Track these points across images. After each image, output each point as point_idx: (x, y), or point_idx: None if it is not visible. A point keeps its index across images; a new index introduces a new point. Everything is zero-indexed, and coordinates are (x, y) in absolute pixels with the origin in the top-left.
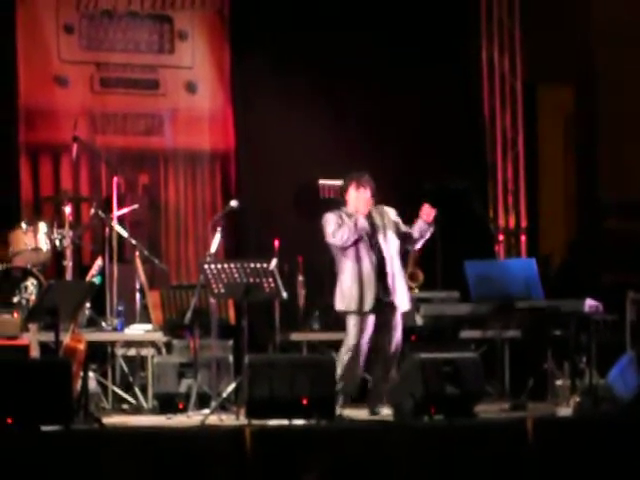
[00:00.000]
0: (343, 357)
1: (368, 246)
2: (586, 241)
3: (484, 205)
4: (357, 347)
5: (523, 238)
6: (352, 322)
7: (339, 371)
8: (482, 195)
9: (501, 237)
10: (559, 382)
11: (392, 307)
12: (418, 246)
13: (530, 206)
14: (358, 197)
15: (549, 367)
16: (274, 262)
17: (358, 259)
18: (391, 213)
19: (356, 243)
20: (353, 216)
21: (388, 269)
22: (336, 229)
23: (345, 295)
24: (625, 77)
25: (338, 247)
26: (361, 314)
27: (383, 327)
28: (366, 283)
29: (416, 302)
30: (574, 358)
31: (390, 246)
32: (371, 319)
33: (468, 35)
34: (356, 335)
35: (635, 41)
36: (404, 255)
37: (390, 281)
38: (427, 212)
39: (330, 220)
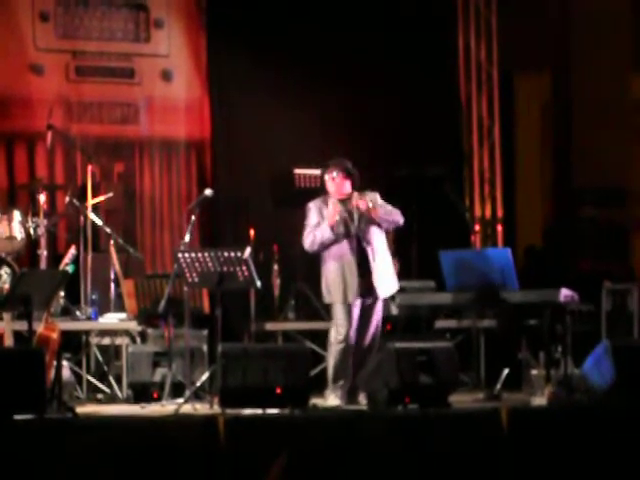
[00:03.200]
0: (334, 351)
1: (349, 236)
2: (562, 230)
3: (460, 194)
4: (347, 338)
5: (499, 228)
6: (340, 313)
7: (332, 367)
8: (458, 183)
9: (477, 227)
10: (534, 372)
11: (374, 295)
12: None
13: (506, 195)
14: (337, 184)
15: (524, 357)
16: (248, 251)
17: (340, 250)
18: (374, 198)
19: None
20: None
21: (371, 255)
22: (308, 233)
23: (330, 286)
24: (601, 64)
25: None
26: (346, 304)
27: (366, 315)
28: (349, 274)
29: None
30: (549, 348)
31: (372, 233)
32: (357, 309)
33: (445, 22)
34: (345, 325)
35: (610, 28)
36: None
37: (373, 268)
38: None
39: (310, 213)
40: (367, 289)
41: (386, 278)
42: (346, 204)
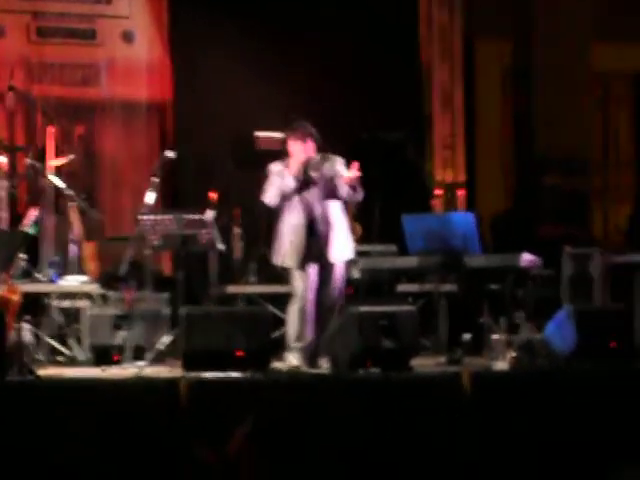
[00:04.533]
0: (291, 311)
1: (304, 199)
2: (523, 195)
3: (421, 158)
4: (305, 296)
5: (461, 192)
6: (295, 275)
7: (291, 328)
8: (419, 148)
9: (439, 191)
10: (495, 337)
11: (328, 260)
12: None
13: (468, 160)
14: (301, 147)
15: (485, 321)
16: (210, 213)
17: (295, 213)
18: (337, 162)
19: (287, 199)
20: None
21: (330, 219)
22: (269, 187)
23: (281, 249)
24: (562, 32)
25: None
26: (299, 267)
27: (325, 278)
28: (302, 237)
29: (354, 254)
30: (510, 313)
31: (331, 196)
32: (313, 271)
33: None
34: (302, 284)
35: None
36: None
37: (331, 232)
38: (350, 176)
39: (270, 175)
40: (320, 254)
41: (340, 243)
42: (309, 167)
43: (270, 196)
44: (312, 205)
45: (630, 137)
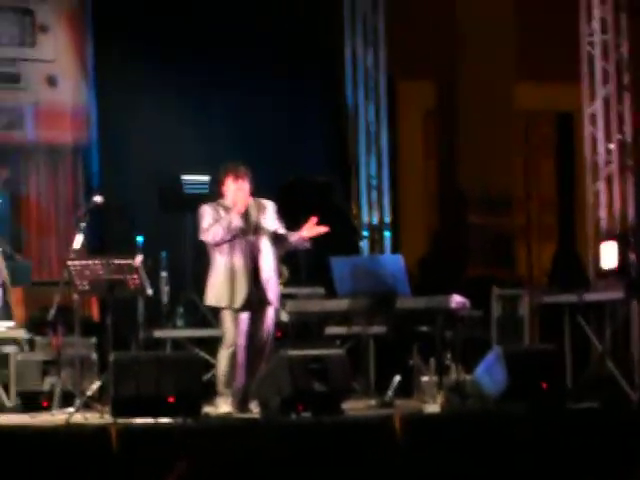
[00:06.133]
0: (222, 356)
1: (242, 242)
2: (449, 236)
3: (348, 200)
4: (236, 342)
5: (387, 234)
6: (227, 317)
7: (222, 373)
8: (345, 190)
9: (365, 233)
10: (425, 378)
11: (263, 303)
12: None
13: (393, 202)
14: (237, 189)
15: (415, 363)
16: (139, 258)
17: (231, 254)
18: (270, 207)
19: (230, 239)
20: (227, 213)
21: (261, 264)
22: (210, 225)
23: (216, 290)
24: (485, 73)
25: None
26: (233, 310)
27: (256, 323)
28: (238, 279)
29: (281, 298)
30: (440, 354)
31: (263, 242)
32: (244, 316)
33: (332, 29)
34: (232, 330)
35: (495, 37)
36: None
37: (263, 276)
38: (313, 230)
39: (205, 214)
40: (257, 297)
41: (275, 287)
42: (253, 209)
43: (216, 232)
44: (257, 248)
45: (552, 176)
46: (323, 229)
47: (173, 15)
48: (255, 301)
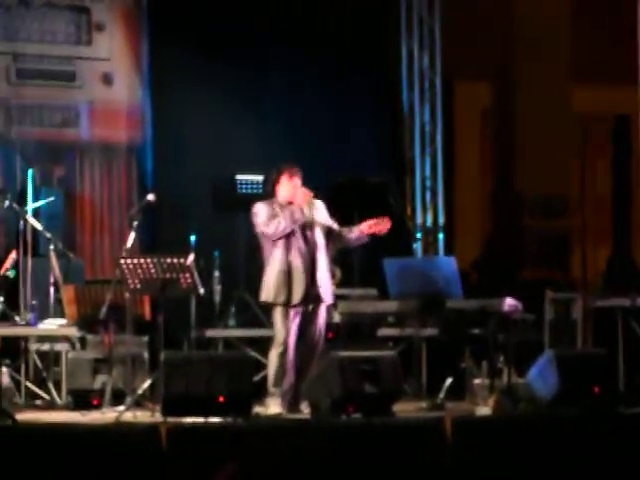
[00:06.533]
0: (272, 355)
1: (299, 238)
2: (504, 238)
3: (401, 201)
4: (287, 341)
5: (441, 236)
6: (279, 316)
7: (271, 373)
8: (399, 191)
9: (419, 235)
10: (477, 381)
11: (318, 300)
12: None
13: (447, 203)
14: (294, 187)
15: (467, 366)
16: (191, 257)
17: (288, 250)
18: (320, 206)
19: (287, 234)
20: (286, 207)
21: (317, 261)
22: (270, 218)
23: (273, 287)
24: (543, 74)
25: (269, 237)
26: (288, 306)
27: (308, 320)
28: (295, 275)
29: (334, 299)
30: (492, 357)
31: (318, 239)
32: (297, 315)
33: (388, 30)
34: (283, 330)
35: (552, 41)
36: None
37: (318, 274)
38: (382, 226)
39: (261, 210)
40: (312, 295)
41: (329, 284)
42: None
43: (278, 223)
44: (314, 243)
45: (608, 178)
46: (386, 225)
47: (228, 15)
48: (311, 297)
